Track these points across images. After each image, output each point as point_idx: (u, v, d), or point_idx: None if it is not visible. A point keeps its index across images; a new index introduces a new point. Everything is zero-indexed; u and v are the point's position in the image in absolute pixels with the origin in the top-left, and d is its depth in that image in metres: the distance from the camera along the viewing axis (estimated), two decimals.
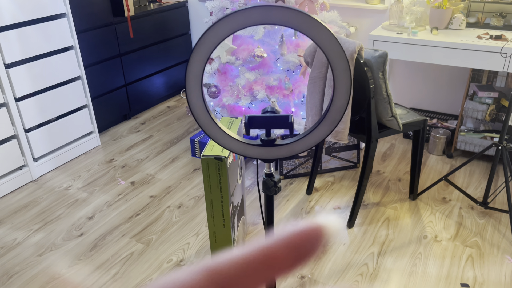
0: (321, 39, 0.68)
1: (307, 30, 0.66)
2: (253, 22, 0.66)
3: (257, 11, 0.64)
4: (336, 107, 0.74)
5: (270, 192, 0.85)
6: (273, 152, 0.81)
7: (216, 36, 0.66)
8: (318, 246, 0.22)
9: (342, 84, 0.72)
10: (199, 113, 0.75)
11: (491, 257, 2.01)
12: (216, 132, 0.77)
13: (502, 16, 2.62)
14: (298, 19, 0.65)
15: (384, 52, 1.91)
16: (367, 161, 2.11)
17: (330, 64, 0.70)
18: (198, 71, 0.69)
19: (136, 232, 2.24)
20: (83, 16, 2.91)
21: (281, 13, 0.64)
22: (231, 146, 0.79)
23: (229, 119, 1.91)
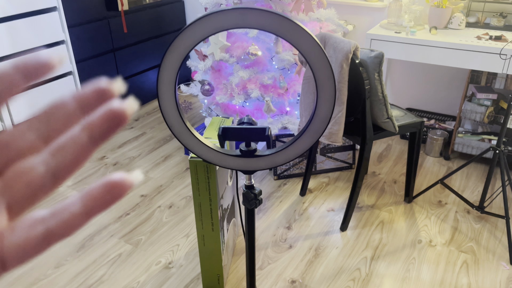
0: (303, 46, 0.63)
1: (288, 35, 0.61)
2: (229, 25, 0.61)
3: (234, 14, 0.59)
4: (320, 117, 0.69)
5: (250, 205, 0.80)
6: (253, 163, 0.76)
7: (189, 40, 0.61)
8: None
9: (326, 93, 0.67)
10: (173, 121, 0.70)
11: (486, 264, 1.97)
12: (192, 142, 0.72)
13: (503, 16, 2.56)
14: (278, 23, 0.60)
15: (380, 52, 1.86)
16: (361, 162, 2.06)
17: (312, 72, 0.65)
18: (171, 77, 0.64)
19: (125, 233, 2.19)
20: (75, 10, 2.85)
21: (260, 17, 0.59)
22: (209, 156, 0.75)
23: (220, 119, 1.86)
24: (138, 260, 2.02)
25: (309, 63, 0.65)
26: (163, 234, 2.18)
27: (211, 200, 1.65)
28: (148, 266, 1.98)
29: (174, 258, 2.03)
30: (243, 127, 0.69)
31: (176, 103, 0.68)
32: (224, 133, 0.69)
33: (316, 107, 0.69)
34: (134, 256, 2.04)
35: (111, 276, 1.93)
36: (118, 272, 1.95)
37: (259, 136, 0.69)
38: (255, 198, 0.80)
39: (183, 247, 2.09)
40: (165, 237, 2.16)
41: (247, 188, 0.82)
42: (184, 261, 2.01)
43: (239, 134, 0.70)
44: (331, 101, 0.68)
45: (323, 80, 0.66)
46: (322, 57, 0.64)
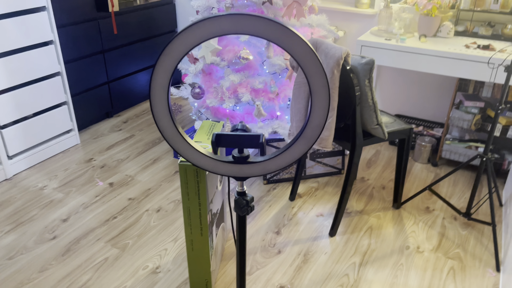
0: (298, 52, 0.62)
1: (284, 42, 0.61)
2: (223, 31, 0.60)
3: (228, 20, 0.59)
4: (313, 124, 0.69)
5: (241, 212, 0.79)
6: (245, 170, 0.75)
7: (183, 45, 0.61)
8: None
9: (320, 101, 0.67)
10: (165, 126, 0.69)
11: (473, 270, 1.99)
12: (184, 147, 0.71)
13: (491, 26, 2.60)
14: (274, 30, 0.59)
15: (371, 59, 1.87)
16: (351, 168, 2.07)
17: (307, 80, 0.65)
18: (163, 82, 0.63)
19: (112, 236, 2.16)
20: (64, 10, 2.82)
21: (255, 23, 0.59)
22: (200, 162, 0.74)
23: (211, 123, 1.85)
24: (125, 264, 1.99)
25: (304, 70, 0.64)
26: (150, 238, 2.16)
27: (201, 204, 1.63)
28: (135, 271, 1.96)
29: (161, 262, 2.01)
30: (237, 134, 0.69)
31: (168, 108, 0.67)
32: (218, 139, 0.69)
33: (310, 114, 0.69)
34: (121, 261, 2.01)
35: (96, 281, 1.90)
36: (104, 277, 1.92)
37: (253, 143, 0.69)
38: (247, 205, 0.80)
39: (171, 252, 2.07)
40: (152, 241, 2.14)
41: (239, 195, 0.81)
42: (172, 266, 1.99)
43: (233, 141, 0.69)
44: (325, 108, 0.68)
45: (318, 87, 0.66)
46: (317, 65, 0.63)
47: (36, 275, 1.93)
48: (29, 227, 2.22)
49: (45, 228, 2.22)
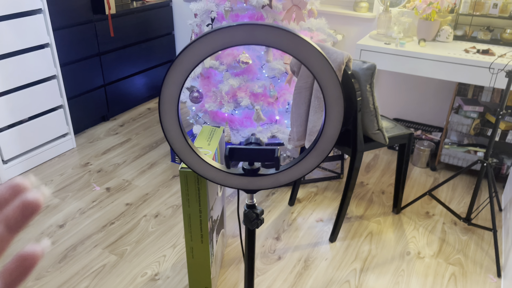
0: (314, 65, 0.61)
1: (298, 53, 0.59)
2: (236, 42, 0.58)
3: (242, 31, 0.56)
4: (327, 136, 0.67)
5: (252, 226, 0.77)
6: (256, 182, 0.73)
7: (194, 56, 0.58)
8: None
9: (334, 112, 0.65)
10: (174, 138, 0.66)
11: (474, 276, 1.98)
12: (193, 160, 0.69)
13: (490, 30, 2.61)
14: (288, 41, 0.57)
15: (372, 64, 1.85)
16: (352, 173, 2.05)
17: (322, 91, 0.63)
18: (174, 94, 0.61)
19: (110, 243, 2.13)
20: (60, 12, 2.78)
21: (269, 33, 0.57)
22: (210, 175, 0.71)
23: (211, 128, 1.83)
24: (123, 271, 1.96)
25: (319, 82, 0.62)
26: (149, 244, 2.13)
27: (201, 211, 1.61)
28: (133, 278, 1.92)
29: (160, 269, 1.98)
30: (251, 148, 0.66)
31: (178, 120, 0.64)
32: (231, 153, 0.66)
33: (324, 126, 0.67)
34: (118, 268, 1.98)
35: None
36: (102, 284, 1.89)
37: (267, 158, 0.67)
38: (257, 218, 0.77)
39: (169, 258, 2.04)
40: (151, 247, 2.11)
41: (249, 208, 0.79)
42: (171, 273, 1.96)
43: (247, 155, 0.67)
44: (339, 121, 0.66)
45: (332, 100, 0.64)
46: (332, 77, 0.62)
47: (32, 283, 1.89)
48: (25, 234, 2.19)
49: (41, 235, 2.18)
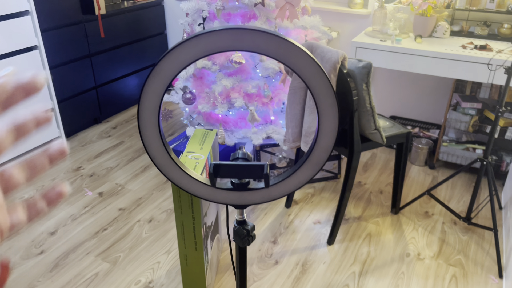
0: (304, 70, 0.56)
1: (288, 59, 0.54)
2: (221, 47, 0.53)
3: (227, 35, 0.51)
4: (321, 147, 0.62)
5: (243, 243, 0.72)
6: (246, 197, 0.68)
7: (175, 63, 0.53)
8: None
9: (328, 122, 0.60)
10: (156, 152, 0.61)
11: (475, 277, 1.94)
12: (177, 175, 0.64)
13: (487, 25, 2.56)
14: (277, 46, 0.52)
15: (368, 62, 1.81)
16: (349, 173, 2.00)
17: (315, 100, 0.58)
18: (154, 104, 0.56)
19: (102, 250, 2.08)
20: (48, 13, 2.71)
21: (257, 39, 0.52)
22: (196, 190, 0.67)
23: (203, 131, 1.78)
24: (116, 279, 1.91)
25: (311, 90, 0.58)
26: (142, 250, 2.08)
27: (194, 218, 1.56)
28: (127, 286, 1.87)
29: (154, 276, 1.93)
30: (238, 164, 0.61)
31: (160, 132, 0.59)
32: (216, 170, 0.61)
33: (317, 136, 0.62)
34: (112, 275, 1.93)
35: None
36: None
37: (256, 174, 0.62)
38: (248, 235, 0.73)
39: (164, 265, 1.99)
40: (145, 253, 2.06)
41: (239, 224, 0.74)
42: (166, 280, 1.91)
43: (233, 171, 0.62)
44: (334, 130, 0.62)
45: (326, 108, 0.59)
46: (325, 83, 0.57)
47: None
48: (15, 242, 2.13)
49: (31, 243, 2.12)
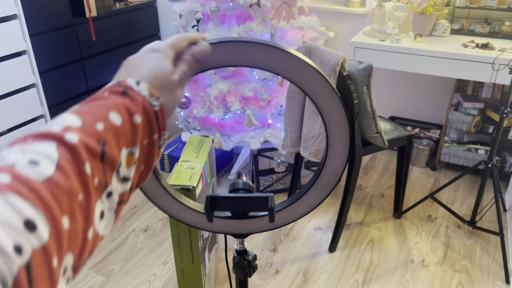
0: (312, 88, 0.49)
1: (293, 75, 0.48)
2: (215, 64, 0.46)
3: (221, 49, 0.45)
4: (330, 171, 0.56)
5: (243, 276, 0.65)
6: (246, 225, 0.62)
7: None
8: None
9: (339, 143, 0.53)
10: (146, 182, 0.54)
11: (482, 283, 1.88)
12: (169, 204, 0.57)
13: (487, 23, 2.50)
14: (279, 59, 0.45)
15: (369, 64, 1.74)
16: (351, 177, 1.94)
17: (323, 118, 0.52)
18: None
19: (96, 262, 2.00)
20: (37, 17, 2.63)
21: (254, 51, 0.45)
22: (191, 219, 0.60)
23: (199, 138, 1.71)
24: None
25: (319, 108, 0.51)
26: (138, 262, 2.01)
27: (191, 231, 1.49)
28: None
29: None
30: (238, 196, 0.54)
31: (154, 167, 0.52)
32: (213, 203, 0.54)
33: (326, 159, 0.55)
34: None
35: None
36: None
37: (259, 207, 0.55)
38: (249, 266, 0.66)
39: (160, 277, 1.92)
40: (140, 265, 1.99)
41: (239, 254, 0.67)
42: None
43: (233, 204, 0.55)
44: (344, 153, 0.55)
45: (336, 129, 0.52)
46: (335, 101, 0.50)
47: None
48: None
49: None
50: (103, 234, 0.38)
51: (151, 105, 0.42)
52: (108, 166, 0.37)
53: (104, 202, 0.37)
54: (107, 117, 0.39)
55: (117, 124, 0.39)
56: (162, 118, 0.43)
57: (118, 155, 0.38)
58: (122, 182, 0.39)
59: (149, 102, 0.42)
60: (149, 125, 0.42)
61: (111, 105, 0.40)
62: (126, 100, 0.41)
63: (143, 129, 0.41)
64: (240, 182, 0.55)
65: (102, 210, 0.37)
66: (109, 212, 0.38)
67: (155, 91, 0.43)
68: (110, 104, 0.40)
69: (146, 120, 0.41)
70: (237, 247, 0.68)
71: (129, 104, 0.41)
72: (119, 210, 0.40)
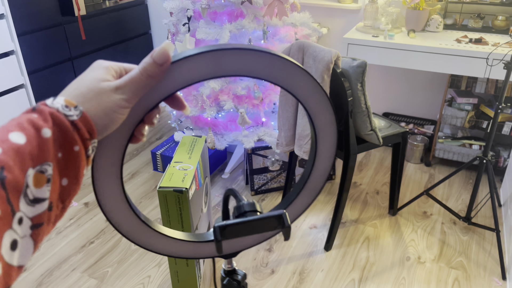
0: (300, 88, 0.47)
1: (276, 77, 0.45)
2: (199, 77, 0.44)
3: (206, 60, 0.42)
4: (319, 171, 0.54)
5: None
6: (235, 244, 0.58)
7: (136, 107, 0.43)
8: None
9: (326, 142, 0.52)
10: (121, 218, 0.49)
11: (478, 280, 1.88)
12: (152, 239, 0.53)
13: (480, 17, 2.49)
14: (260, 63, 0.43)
15: (363, 61, 1.72)
16: (346, 175, 1.92)
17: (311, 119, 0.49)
18: (114, 157, 0.45)
19: (89, 265, 1.97)
20: (25, 16, 2.58)
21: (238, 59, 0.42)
22: (177, 250, 0.56)
23: (192, 139, 1.68)
24: None
25: (305, 107, 0.49)
26: (132, 264, 1.98)
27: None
28: None
29: None
30: (250, 219, 0.49)
31: (123, 192, 0.48)
32: (223, 233, 0.49)
33: (315, 160, 0.53)
34: None
35: None
36: None
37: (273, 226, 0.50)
38: (239, 286, 0.63)
39: (155, 279, 1.90)
40: (134, 267, 1.96)
41: (228, 275, 0.64)
42: None
43: (245, 229, 0.50)
44: (332, 151, 0.53)
45: (325, 128, 0.50)
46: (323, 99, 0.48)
47: None
48: None
49: None
50: (21, 263, 0.36)
51: (65, 116, 0.39)
52: (12, 191, 0.35)
53: (17, 230, 0.35)
54: (6, 138, 0.36)
55: (20, 143, 0.36)
56: (84, 128, 0.40)
57: (23, 177, 0.36)
58: (32, 204, 0.37)
59: (63, 113, 0.39)
60: (64, 137, 0.39)
61: (13, 125, 0.37)
62: (34, 115, 0.38)
63: (55, 143, 0.38)
64: (245, 204, 0.52)
65: (15, 239, 0.35)
66: (24, 239, 0.36)
67: (73, 101, 0.41)
68: (12, 124, 0.37)
69: (58, 132, 0.38)
70: (226, 267, 0.65)
71: (36, 118, 0.38)
72: (37, 234, 0.37)
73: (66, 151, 0.39)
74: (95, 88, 0.43)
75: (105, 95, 0.43)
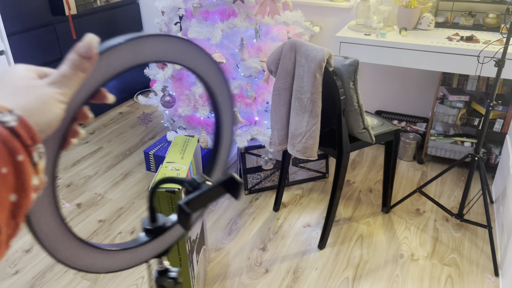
0: (195, 62, 0.53)
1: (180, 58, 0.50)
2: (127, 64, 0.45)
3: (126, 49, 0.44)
4: (225, 142, 0.61)
5: None
6: (166, 239, 0.60)
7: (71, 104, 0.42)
8: None
9: (227, 114, 0.60)
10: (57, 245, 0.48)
11: (471, 276, 1.89)
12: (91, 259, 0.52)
13: (471, 15, 2.51)
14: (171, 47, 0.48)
15: (355, 60, 1.72)
16: (339, 174, 1.92)
17: (211, 94, 0.58)
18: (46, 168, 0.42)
19: None
20: (15, 16, 2.55)
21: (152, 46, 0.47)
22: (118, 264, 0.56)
23: (184, 138, 1.67)
24: None
25: (207, 84, 0.55)
26: None
27: None
28: None
29: None
30: (207, 189, 0.50)
31: (59, 215, 0.46)
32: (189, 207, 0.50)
33: (221, 132, 0.62)
34: None
35: None
36: None
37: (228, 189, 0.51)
38: (176, 283, 0.63)
39: (148, 280, 1.89)
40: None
41: (161, 274, 0.63)
42: None
43: (205, 199, 0.51)
44: (231, 123, 0.61)
45: (224, 103, 0.59)
46: (216, 71, 0.55)
47: None
48: None
49: (5, 262, 1.99)
50: None
51: (1, 123, 0.34)
52: None
53: None
54: None
55: None
56: (26, 133, 0.35)
57: None
58: None
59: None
60: (4, 148, 0.34)
61: None
62: None
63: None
64: (196, 177, 0.53)
65: None
66: None
67: (6, 105, 0.36)
68: None
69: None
70: (159, 267, 0.65)
71: None
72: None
73: (10, 163, 0.34)
74: (27, 84, 0.39)
75: (40, 89, 0.39)
